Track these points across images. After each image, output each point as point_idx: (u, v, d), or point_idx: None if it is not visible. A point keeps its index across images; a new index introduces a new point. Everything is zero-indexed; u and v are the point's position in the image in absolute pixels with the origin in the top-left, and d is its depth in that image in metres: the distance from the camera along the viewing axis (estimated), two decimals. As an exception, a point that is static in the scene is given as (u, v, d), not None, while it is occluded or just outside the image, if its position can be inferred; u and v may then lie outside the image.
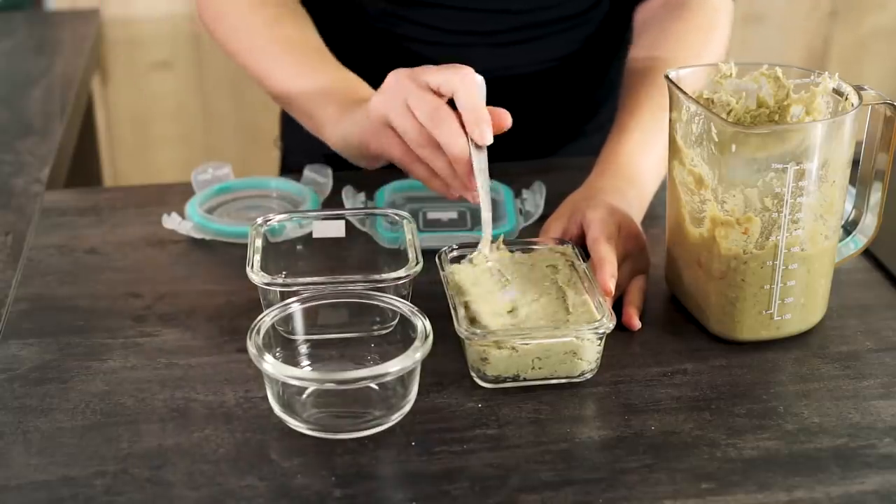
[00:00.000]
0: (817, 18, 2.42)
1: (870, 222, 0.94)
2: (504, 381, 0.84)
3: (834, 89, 0.88)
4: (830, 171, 0.85)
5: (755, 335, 0.89)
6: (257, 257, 0.89)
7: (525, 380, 0.84)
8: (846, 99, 0.87)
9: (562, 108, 1.26)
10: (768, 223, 0.85)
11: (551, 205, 1.09)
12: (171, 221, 1.06)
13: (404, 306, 0.83)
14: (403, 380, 0.79)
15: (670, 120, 0.90)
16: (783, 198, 0.84)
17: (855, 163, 0.89)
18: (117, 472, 0.75)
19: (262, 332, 0.80)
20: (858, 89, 0.87)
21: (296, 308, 0.85)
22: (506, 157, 1.22)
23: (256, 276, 0.87)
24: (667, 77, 0.90)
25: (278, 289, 0.87)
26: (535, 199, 1.09)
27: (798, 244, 0.86)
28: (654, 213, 1.05)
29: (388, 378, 0.77)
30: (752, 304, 0.88)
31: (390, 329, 0.87)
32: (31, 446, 0.78)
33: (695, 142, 0.87)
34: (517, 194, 1.11)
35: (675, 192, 0.91)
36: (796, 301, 0.88)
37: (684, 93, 0.88)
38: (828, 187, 0.85)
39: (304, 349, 0.86)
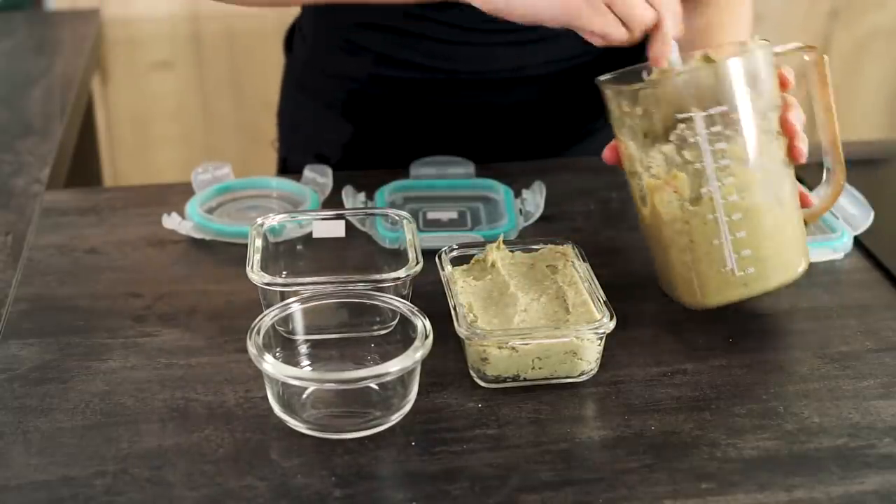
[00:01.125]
0: (817, 18, 2.42)
1: (832, 171, 0.93)
2: (504, 381, 0.84)
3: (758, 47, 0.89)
4: (745, 114, 0.85)
5: (724, 297, 0.89)
6: (257, 257, 0.89)
7: (525, 380, 0.84)
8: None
9: (573, 108, 1.25)
10: (695, 176, 0.85)
11: (551, 205, 1.09)
12: (171, 221, 1.06)
13: (404, 306, 0.83)
14: (403, 380, 0.79)
15: (610, 121, 0.92)
16: (700, 146, 0.85)
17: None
18: (117, 472, 0.75)
19: (262, 332, 0.80)
20: (764, 40, 0.89)
21: (296, 308, 0.85)
22: (514, 156, 1.23)
23: (256, 276, 0.87)
24: (596, 81, 0.91)
25: (278, 289, 0.87)
26: (535, 199, 1.09)
27: (734, 193, 0.86)
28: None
29: (388, 378, 0.77)
30: (708, 264, 0.87)
31: (390, 329, 0.87)
32: (31, 446, 0.78)
33: (619, 125, 0.89)
34: (517, 194, 1.11)
35: (630, 185, 0.92)
36: (755, 253, 0.87)
37: (603, 78, 0.90)
38: (749, 131, 0.86)
39: (304, 349, 0.86)
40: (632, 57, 1.06)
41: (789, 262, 0.90)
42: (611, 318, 0.83)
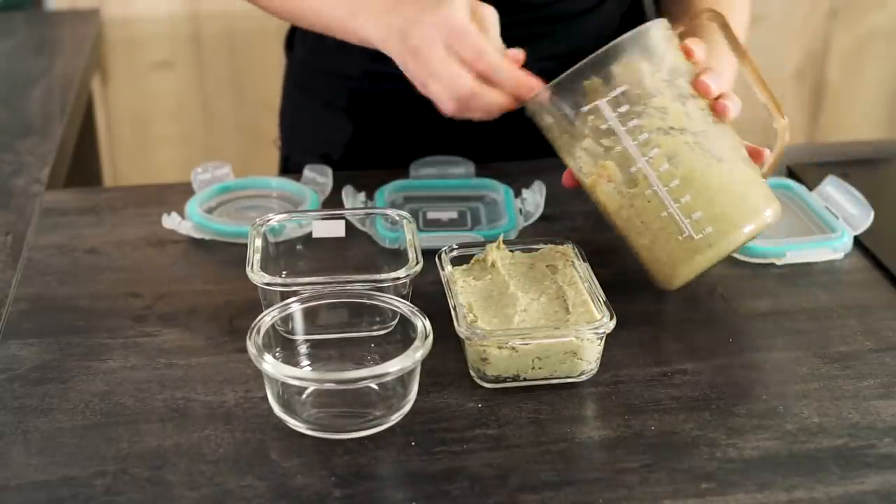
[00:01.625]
0: (817, 18, 2.42)
1: (770, 108, 0.93)
2: (504, 381, 0.84)
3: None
4: (648, 86, 0.87)
5: (695, 266, 0.88)
6: (257, 257, 0.89)
7: (525, 380, 0.84)
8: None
9: None
10: (621, 159, 0.87)
11: (551, 205, 1.09)
12: (171, 221, 1.06)
13: (404, 306, 0.83)
14: (403, 380, 0.79)
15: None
16: (615, 130, 0.86)
17: None
18: (117, 472, 0.75)
19: (262, 332, 0.80)
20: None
21: (296, 308, 0.85)
22: (505, 155, 1.22)
23: (256, 276, 0.87)
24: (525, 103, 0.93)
25: (278, 289, 0.87)
26: (535, 199, 1.09)
27: (664, 162, 0.87)
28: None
29: (388, 378, 0.77)
30: (666, 238, 0.88)
31: (390, 329, 0.87)
32: (31, 446, 0.78)
33: (549, 139, 0.92)
34: (517, 194, 1.11)
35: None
36: (707, 213, 0.87)
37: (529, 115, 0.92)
38: (660, 101, 0.87)
39: (304, 349, 0.86)
40: None
41: (750, 211, 0.89)
42: (611, 318, 0.83)
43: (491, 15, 0.94)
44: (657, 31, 0.89)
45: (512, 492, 0.74)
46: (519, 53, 0.94)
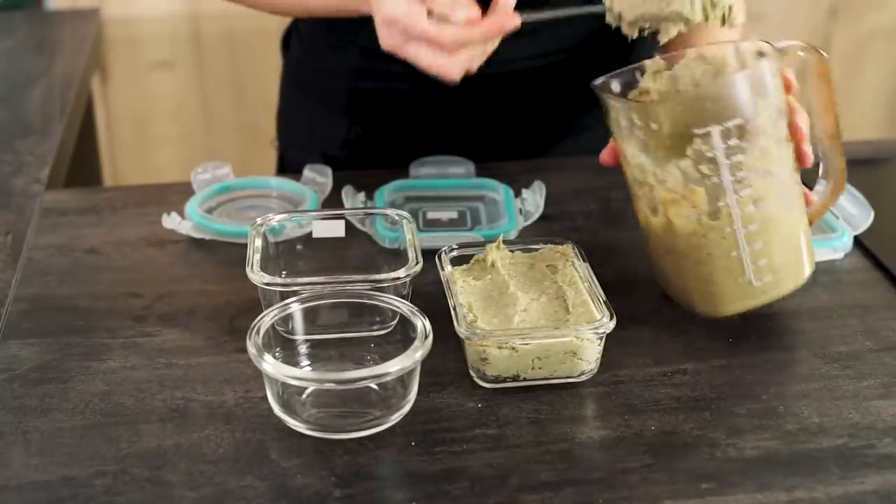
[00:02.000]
0: (817, 18, 2.42)
1: (832, 167, 0.93)
2: (504, 381, 0.84)
3: (757, 51, 0.89)
4: (759, 125, 0.85)
5: (741, 306, 0.89)
6: (257, 257, 0.89)
7: (525, 380, 0.84)
8: (763, 56, 0.88)
9: (557, 104, 1.25)
10: (713, 190, 0.85)
11: (551, 205, 1.09)
12: (171, 221, 1.06)
13: (404, 306, 0.83)
14: (403, 380, 0.79)
15: (609, 126, 0.91)
16: (718, 161, 0.84)
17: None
18: (117, 472, 0.75)
19: (262, 332, 0.80)
20: (770, 43, 0.88)
21: (296, 308, 0.85)
22: (505, 155, 1.22)
23: (256, 276, 0.87)
24: (592, 86, 0.90)
25: (278, 289, 0.87)
26: (535, 199, 1.09)
27: (751, 204, 0.86)
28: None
29: (388, 378, 0.77)
30: (726, 276, 0.87)
31: (390, 329, 0.87)
32: (30, 446, 0.78)
33: (627, 135, 0.88)
34: (517, 194, 1.11)
35: (633, 193, 0.92)
36: (771, 262, 0.87)
37: (602, 90, 0.89)
38: (763, 141, 0.85)
39: (303, 349, 0.86)
40: (619, 47, 1.05)
41: (799, 266, 0.90)
42: (611, 318, 0.83)
43: None
44: (774, 62, 0.87)
45: (512, 492, 0.74)
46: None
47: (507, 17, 0.89)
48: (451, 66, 0.89)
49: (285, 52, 1.34)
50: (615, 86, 0.91)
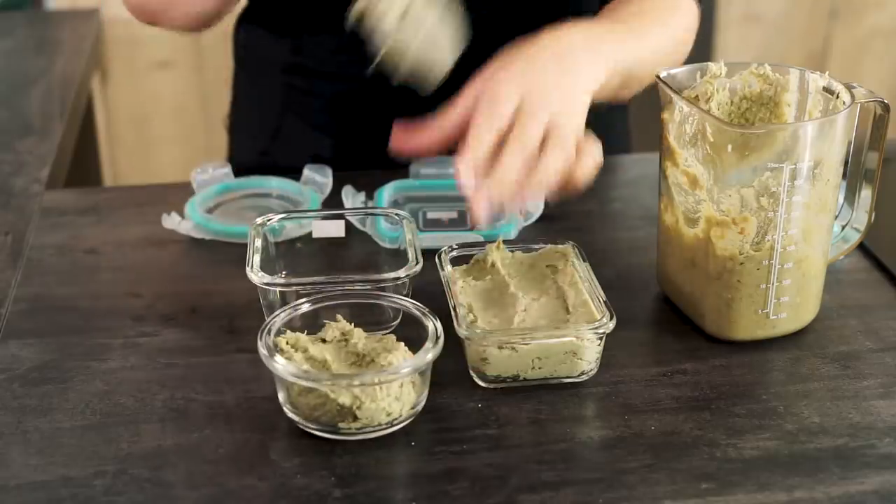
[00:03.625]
0: (817, 18, 2.42)
1: (860, 220, 0.95)
2: (504, 381, 0.84)
3: (824, 87, 0.89)
4: (825, 169, 0.85)
5: (751, 335, 0.89)
6: (257, 257, 0.89)
7: (525, 380, 0.84)
8: (837, 97, 0.87)
9: None
10: (764, 223, 0.85)
11: (551, 205, 1.09)
12: (171, 221, 1.06)
13: (415, 308, 0.83)
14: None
15: (662, 120, 0.90)
16: (779, 197, 0.84)
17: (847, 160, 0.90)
18: (117, 472, 0.75)
19: (273, 332, 0.80)
20: (850, 87, 0.87)
21: (306, 308, 0.85)
22: None
23: (256, 276, 0.87)
24: (658, 77, 0.89)
25: (278, 289, 0.87)
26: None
27: (793, 243, 0.86)
28: (648, 214, 1.04)
29: (398, 379, 0.77)
30: (747, 305, 0.88)
31: (391, 329, 0.87)
32: (30, 446, 0.78)
33: (688, 142, 0.87)
34: (517, 194, 1.11)
35: (668, 192, 0.91)
36: (791, 300, 0.88)
37: (677, 93, 0.88)
38: (822, 185, 0.85)
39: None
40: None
41: (812, 307, 0.91)
42: (611, 318, 0.83)
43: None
44: (853, 112, 0.86)
45: (512, 492, 0.74)
46: None
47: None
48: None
49: (236, 37, 1.34)
50: (676, 81, 0.90)
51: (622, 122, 1.33)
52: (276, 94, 1.25)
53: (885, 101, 0.89)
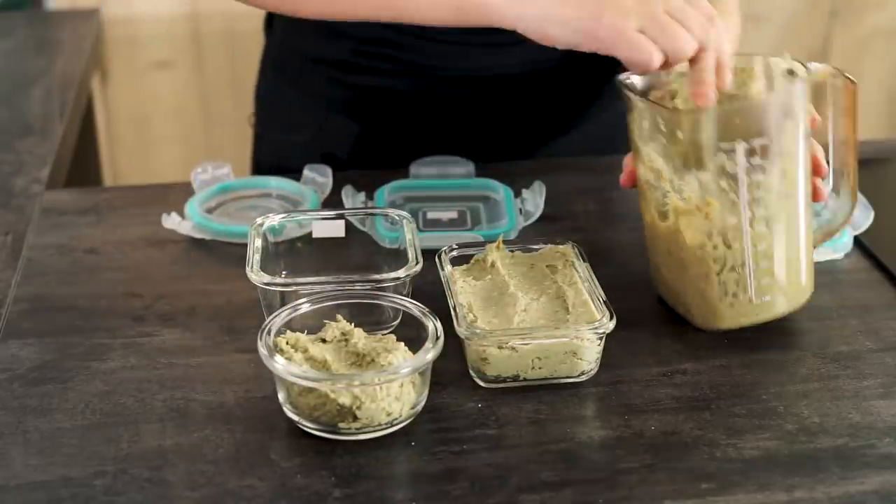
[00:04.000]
0: (817, 18, 2.42)
1: (844, 200, 0.94)
2: (504, 381, 0.84)
3: (787, 70, 0.89)
4: (784, 145, 0.85)
5: (737, 322, 0.89)
6: (257, 257, 0.89)
7: (525, 380, 0.84)
8: (795, 76, 0.88)
9: (552, 108, 1.25)
10: (729, 205, 0.85)
11: (551, 205, 1.09)
12: (171, 221, 1.06)
13: (415, 308, 0.83)
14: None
15: (628, 122, 0.90)
16: (738, 177, 0.84)
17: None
18: (117, 472, 0.75)
19: (273, 332, 0.80)
20: (805, 65, 0.88)
21: (306, 308, 0.85)
22: (505, 155, 1.22)
23: (256, 276, 0.87)
24: (618, 81, 0.90)
25: (278, 289, 0.87)
26: (535, 199, 1.09)
27: (763, 223, 0.86)
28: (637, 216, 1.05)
29: (398, 379, 0.77)
30: (727, 291, 0.87)
31: (391, 329, 0.87)
32: (30, 446, 0.78)
33: (648, 137, 0.87)
34: (517, 194, 1.11)
35: (642, 191, 0.91)
36: (774, 282, 0.88)
37: (630, 89, 0.88)
38: (785, 162, 0.85)
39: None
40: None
41: (799, 290, 0.91)
42: (611, 318, 0.83)
43: None
44: (804, 88, 0.87)
45: (512, 492, 0.74)
46: None
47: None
48: (690, 41, 0.85)
49: (268, 32, 1.33)
50: (639, 83, 0.90)
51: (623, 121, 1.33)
52: (322, 91, 1.24)
53: (848, 76, 0.89)
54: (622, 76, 0.90)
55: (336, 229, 1.00)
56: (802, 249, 0.90)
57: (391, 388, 0.77)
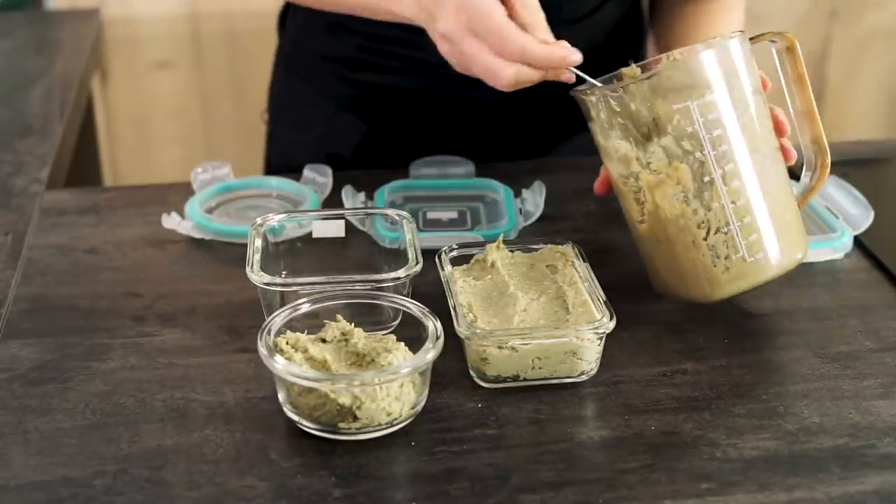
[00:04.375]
0: (817, 18, 2.42)
1: (810, 155, 0.94)
2: (504, 381, 0.84)
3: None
4: (736, 99, 0.86)
5: (736, 287, 0.88)
6: (257, 257, 0.89)
7: (525, 380, 0.84)
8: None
9: (558, 108, 1.25)
10: (697, 166, 0.85)
11: (551, 205, 1.09)
12: (171, 221, 1.06)
13: (415, 307, 0.83)
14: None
15: (591, 132, 0.91)
16: (699, 136, 0.85)
17: None
18: (117, 472, 0.75)
19: (273, 332, 0.80)
20: (742, 31, 0.89)
21: (306, 309, 0.85)
22: (501, 155, 1.22)
23: (256, 276, 0.87)
24: (571, 93, 0.90)
25: (278, 289, 0.87)
26: (535, 199, 1.09)
27: (735, 178, 0.86)
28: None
29: (398, 379, 0.77)
30: (718, 255, 0.87)
31: (391, 329, 0.87)
32: (30, 446, 0.78)
33: (608, 129, 0.88)
34: (517, 194, 1.11)
35: (619, 190, 0.92)
36: (760, 238, 0.87)
37: (580, 87, 0.89)
38: (742, 115, 0.86)
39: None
40: (619, 56, 1.05)
41: (792, 246, 0.90)
42: (611, 318, 0.83)
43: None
44: (744, 41, 0.88)
45: (512, 492, 0.74)
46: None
47: (570, 51, 0.88)
48: (506, 70, 0.87)
49: (281, 31, 1.34)
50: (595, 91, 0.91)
51: None
52: (332, 88, 1.24)
53: (784, 33, 0.90)
54: (574, 90, 0.90)
55: (336, 229, 1.00)
56: (785, 205, 0.89)
57: (391, 388, 0.77)
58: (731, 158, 0.86)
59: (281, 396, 0.79)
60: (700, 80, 0.85)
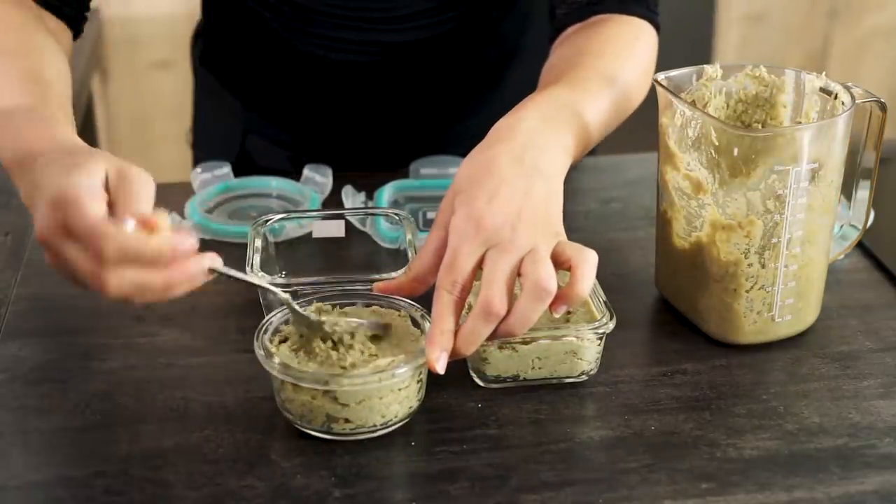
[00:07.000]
0: (817, 18, 2.42)
1: (858, 218, 0.95)
2: (504, 381, 0.84)
3: (820, 88, 0.89)
4: (828, 170, 0.85)
5: (754, 338, 0.89)
6: (257, 257, 0.89)
7: (525, 380, 0.84)
8: (836, 97, 0.87)
9: (460, 74, 1.22)
10: (771, 225, 0.85)
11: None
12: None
13: (414, 308, 0.83)
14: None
15: (661, 125, 0.90)
16: (785, 200, 0.84)
17: None
18: (117, 472, 0.75)
19: (270, 332, 0.80)
20: (848, 88, 0.87)
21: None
22: (408, 124, 1.21)
23: (256, 276, 0.87)
24: (656, 80, 0.89)
25: (278, 289, 0.87)
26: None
27: (798, 245, 0.86)
28: (648, 214, 1.04)
29: (396, 379, 0.77)
30: (751, 308, 0.87)
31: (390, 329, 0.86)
32: (30, 446, 0.78)
33: (691, 146, 0.86)
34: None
35: (668, 196, 0.90)
36: (795, 303, 0.88)
37: (678, 96, 0.87)
38: (825, 186, 0.86)
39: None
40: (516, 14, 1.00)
41: (814, 308, 0.91)
42: (611, 318, 0.83)
43: (139, 179, 0.78)
44: (851, 114, 0.86)
45: (512, 492, 0.74)
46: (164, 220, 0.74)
47: (187, 240, 0.75)
48: (108, 279, 0.69)
49: (193, 50, 1.35)
50: (673, 84, 0.89)
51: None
52: (238, 111, 1.27)
53: (882, 101, 0.89)
54: (659, 76, 0.89)
55: (336, 229, 1.00)
56: (822, 272, 0.90)
57: (383, 390, 0.77)
58: (802, 226, 0.85)
59: (277, 396, 0.79)
60: (809, 149, 0.83)
